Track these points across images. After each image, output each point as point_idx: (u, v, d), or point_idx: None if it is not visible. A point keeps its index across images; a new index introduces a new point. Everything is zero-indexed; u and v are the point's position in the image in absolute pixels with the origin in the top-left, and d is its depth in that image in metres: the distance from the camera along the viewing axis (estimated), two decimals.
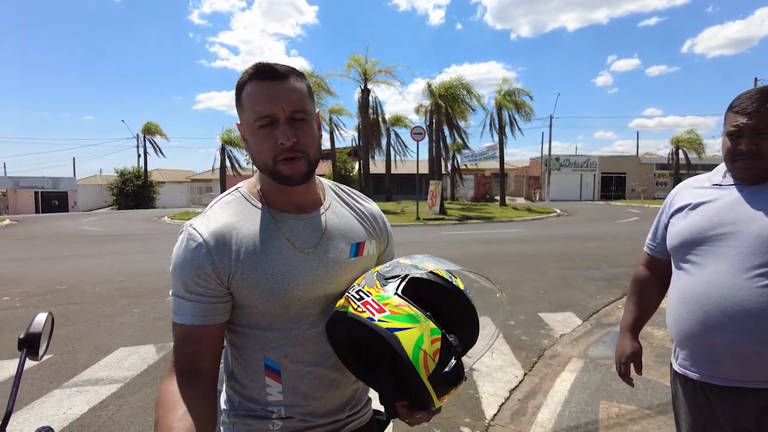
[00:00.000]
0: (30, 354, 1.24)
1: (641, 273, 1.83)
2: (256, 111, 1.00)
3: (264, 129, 1.01)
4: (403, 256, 1.09)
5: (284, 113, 0.99)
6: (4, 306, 6.25)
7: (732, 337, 1.37)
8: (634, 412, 3.24)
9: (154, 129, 40.68)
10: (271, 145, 1.00)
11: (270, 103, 0.99)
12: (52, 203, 41.00)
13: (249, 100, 1.01)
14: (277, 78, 1.00)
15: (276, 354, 1.05)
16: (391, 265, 1.03)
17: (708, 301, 1.42)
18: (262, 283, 1.01)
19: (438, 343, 0.88)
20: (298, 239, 1.07)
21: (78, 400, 3.53)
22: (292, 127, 1.00)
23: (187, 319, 0.99)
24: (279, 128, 1.00)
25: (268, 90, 1.00)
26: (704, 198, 1.53)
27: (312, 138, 1.04)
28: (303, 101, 1.02)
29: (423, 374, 0.86)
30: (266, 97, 0.99)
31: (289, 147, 1.00)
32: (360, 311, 0.93)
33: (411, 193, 36.80)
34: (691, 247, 1.50)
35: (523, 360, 4.26)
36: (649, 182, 43.90)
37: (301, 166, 1.02)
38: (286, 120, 1.00)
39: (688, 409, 1.54)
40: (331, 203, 1.17)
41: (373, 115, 28.20)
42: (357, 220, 1.19)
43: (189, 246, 1.00)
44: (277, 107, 0.99)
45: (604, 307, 6.01)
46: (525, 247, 11.34)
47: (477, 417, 3.26)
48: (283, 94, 1.00)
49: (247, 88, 1.02)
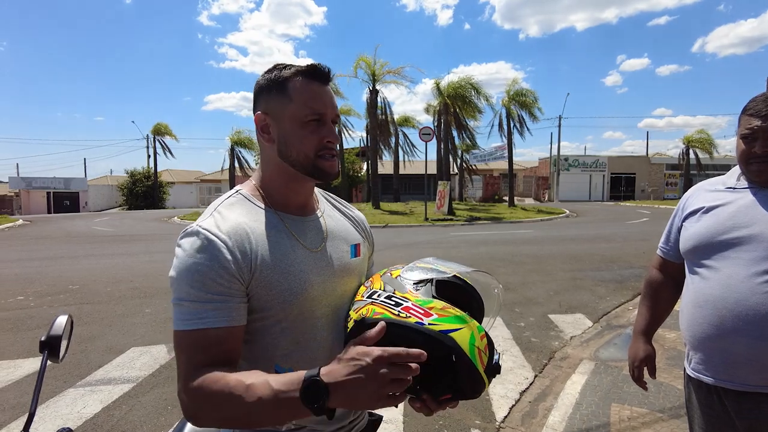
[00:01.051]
0: (51, 356, 1.26)
1: (654, 276, 1.82)
2: (310, 107, 1.06)
3: (312, 124, 1.06)
4: (416, 260, 1.09)
5: (331, 115, 1.09)
6: (18, 305, 6.33)
7: (747, 341, 1.36)
8: (646, 415, 3.22)
9: (163, 130, 40.95)
10: (317, 140, 1.07)
11: (324, 104, 1.07)
12: (63, 203, 41.42)
13: (303, 95, 1.06)
14: (327, 82, 1.10)
15: (287, 361, 1.04)
16: (410, 270, 1.04)
17: (723, 304, 1.41)
18: (281, 283, 1.01)
19: (485, 339, 0.95)
20: (306, 239, 1.09)
21: (91, 399, 3.57)
22: (333, 128, 1.10)
23: (210, 322, 0.93)
24: (326, 127, 1.08)
25: (323, 90, 1.08)
26: (718, 201, 1.52)
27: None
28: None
29: (480, 369, 0.92)
30: (322, 97, 1.07)
31: (333, 146, 1.10)
32: (404, 317, 0.94)
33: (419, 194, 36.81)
34: (704, 251, 1.50)
35: (533, 362, 4.25)
36: (659, 183, 43.53)
37: (336, 164, 1.11)
38: (330, 121, 1.09)
39: (703, 414, 1.54)
40: (325, 207, 1.22)
41: (382, 116, 28.19)
42: (350, 224, 1.25)
43: (205, 246, 0.95)
44: (330, 109, 1.08)
45: (615, 308, 5.98)
46: (534, 248, 11.30)
47: (487, 419, 3.26)
48: (332, 98, 1.10)
49: (298, 82, 1.06)
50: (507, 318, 5.52)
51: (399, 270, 1.06)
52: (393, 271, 1.07)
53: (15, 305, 6.34)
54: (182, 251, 0.97)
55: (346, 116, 32.22)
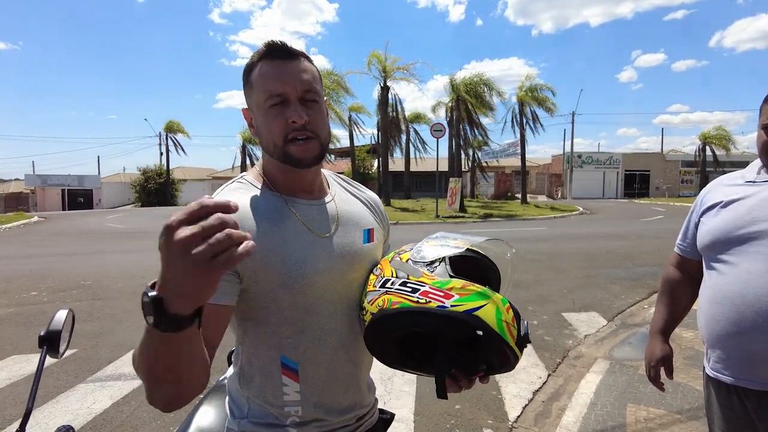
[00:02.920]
0: (50, 351, 1.22)
1: (672, 274, 1.76)
2: (267, 90, 0.97)
3: (275, 108, 0.98)
4: (424, 239, 1.05)
5: (296, 92, 0.98)
6: (31, 300, 6.38)
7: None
8: (663, 416, 3.13)
9: (176, 127, 41.24)
10: (282, 124, 0.98)
11: (282, 82, 0.97)
12: (77, 200, 41.94)
13: (260, 79, 0.98)
14: (289, 57, 0.99)
15: (294, 351, 1.01)
16: (418, 250, 1.00)
17: (742, 301, 1.35)
18: (279, 267, 0.96)
19: (511, 311, 0.91)
20: (314, 224, 1.04)
21: (101, 395, 3.57)
22: (304, 107, 0.98)
23: None
24: (290, 107, 0.97)
25: (281, 69, 0.98)
26: (737, 195, 1.46)
27: (323, 119, 1.02)
28: (314, 82, 1.01)
29: (511, 342, 0.90)
30: (278, 76, 0.97)
31: (300, 126, 0.97)
32: (424, 302, 0.90)
33: (430, 191, 36.70)
34: (722, 246, 1.44)
35: (546, 361, 4.18)
36: (674, 180, 42.95)
37: (313, 147, 1.00)
38: (298, 99, 0.98)
39: (723, 415, 1.48)
40: (336, 191, 1.15)
41: (393, 113, 28.11)
42: (364, 207, 1.18)
43: None
44: (290, 86, 0.97)
45: (630, 307, 5.87)
46: (548, 246, 11.18)
47: (500, 419, 3.20)
48: (295, 73, 0.98)
49: (258, 68, 0.99)
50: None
51: (407, 253, 1.01)
52: (402, 255, 1.02)
53: (28, 300, 6.39)
54: None
55: (357, 113, 32.17)
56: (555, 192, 44.59)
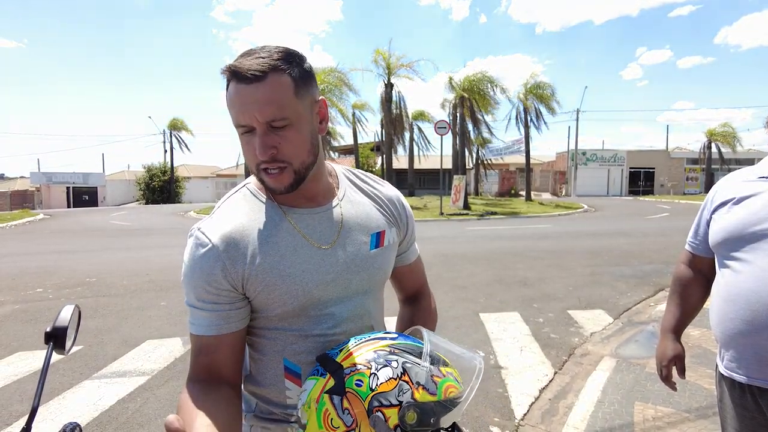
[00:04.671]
0: (56, 348, 1.21)
1: (683, 272, 1.73)
2: (234, 118, 0.90)
3: (245, 136, 0.92)
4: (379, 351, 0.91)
5: (259, 123, 0.88)
6: (37, 297, 6.40)
7: None
8: (671, 414, 3.11)
9: (180, 125, 41.30)
10: (251, 155, 0.92)
11: (243, 112, 0.88)
12: (82, 198, 42.12)
13: (228, 103, 0.90)
14: (253, 81, 0.86)
15: (296, 356, 0.99)
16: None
17: (756, 298, 1.32)
18: (279, 286, 0.94)
19: None
20: (314, 234, 0.99)
21: (107, 391, 3.57)
22: (270, 137, 0.89)
23: (202, 330, 0.93)
24: (257, 137, 0.89)
25: (243, 97, 0.87)
26: (749, 191, 1.43)
27: (297, 145, 0.92)
28: (282, 106, 0.88)
29: None
30: (240, 105, 0.88)
31: (269, 159, 0.90)
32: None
33: (434, 188, 36.66)
34: (735, 243, 1.41)
35: (552, 358, 4.15)
36: (679, 177, 42.73)
37: (285, 178, 0.92)
38: (264, 130, 0.89)
39: (736, 414, 1.45)
40: (345, 192, 1.09)
41: (396, 110, 28.06)
42: (375, 208, 1.11)
43: (197, 252, 0.92)
44: (251, 118, 0.88)
45: (636, 304, 5.84)
46: (552, 243, 11.14)
47: (506, 416, 3.18)
48: (254, 102, 0.86)
49: (228, 89, 0.90)
50: (525, 314, 5.43)
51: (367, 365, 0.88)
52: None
53: (34, 297, 6.41)
54: (185, 253, 0.96)
55: (360, 111, 32.13)
56: (559, 189, 44.45)
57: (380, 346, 0.89)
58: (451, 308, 5.71)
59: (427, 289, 1.32)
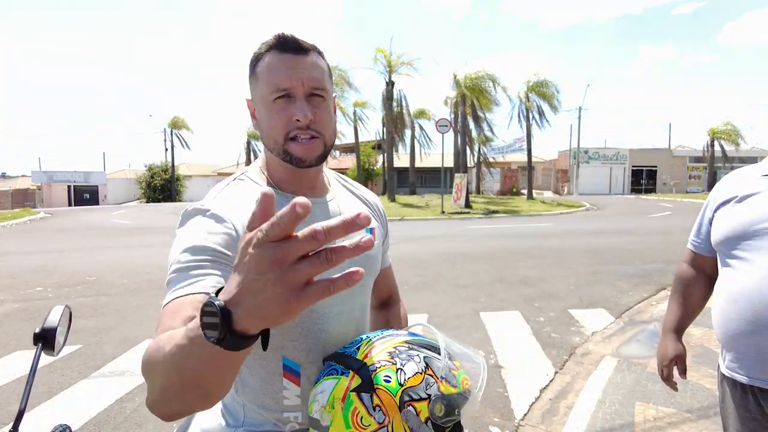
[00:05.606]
0: (45, 349, 1.19)
1: (685, 271, 1.71)
2: (272, 83, 0.92)
3: (279, 103, 0.93)
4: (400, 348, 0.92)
5: (303, 89, 0.93)
6: (37, 296, 6.38)
7: None
8: (672, 415, 3.08)
9: (180, 123, 41.31)
10: (285, 120, 0.93)
11: (289, 76, 0.92)
12: (83, 196, 42.17)
13: (266, 71, 0.93)
14: (300, 51, 0.93)
15: (296, 352, 0.97)
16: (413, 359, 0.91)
17: (759, 298, 1.30)
18: None
19: None
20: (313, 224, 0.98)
21: (105, 391, 3.56)
22: (310, 104, 0.93)
23: (203, 286, 0.80)
24: (296, 104, 0.92)
25: (289, 63, 0.92)
26: (752, 190, 1.41)
27: (329, 118, 0.98)
28: (323, 79, 0.96)
29: None
30: (286, 70, 0.92)
31: (304, 125, 0.93)
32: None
33: (436, 187, 36.60)
34: (738, 242, 1.39)
35: (553, 358, 4.13)
36: (682, 176, 42.61)
37: (317, 147, 0.95)
38: (304, 96, 0.93)
39: (738, 415, 1.43)
40: (337, 190, 1.12)
41: (398, 108, 28.02)
42: (365, 207, 1.16)
43: (207, 222, 0.88)
44: (297, 81, 0.92)
45: (637, 303, 5.81)
46: (554, 242, 11.11)
47: (506, 416, 3.16)
48: (303, 69, 0.93)
49: (265, 59, 0.94)
50: (526, 313, 5.40)
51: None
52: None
53: (33, 296, 6.40)
54: (184, 228, 0.91)
55: (361, 109, 32.09)
56: (561, 188, 44.38)
57: (398, 342, 0.91)
58: (452, 307, 5.69)
59: (398, 296, 1.36)
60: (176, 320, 0.74)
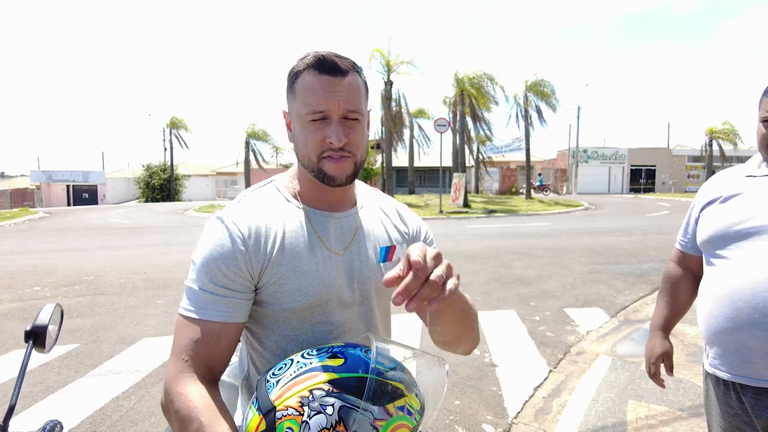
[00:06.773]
0: (36, 346, 1.21)
1: (672, 270, 1.75)
2: (309, 104, 0.95)
3: (314, 124, 0.96)
4: None
5: (339, 111, 0.95)
6: (35, 296, 6.40)
7: (764, 334, 1.29)
8: (664, 413, 3.11)
9: (179, 123, 41.27)
10: (319, 141, 0.96)
11: (326, 99, 0.94)
12: (82, 196, 42.12)
13: (303, 91, 0.96)
14: (338, 73, 0.94)
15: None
16: None
17: (739, 296, 1.34)
18: (291, 282, 0.97)
19: None
20: (330, 239, 1.03)
21: (101, 389, 3.57)
22: (344, 127, 0.96)
23: (209, 315, 0.93)
24: (331, 126, 0.95)
25: (326, 85, 0.94)
26: (736, 190, 1.44)
27: (362, 139, 1.00)
28: (359, 101, 0.98)
29: None
30: (323, 93, 0.94)
31: (337, 147, 0.95)
32: None
33: (434, 186, 36.64)
34: (721, 242, 1.43)
35: (548, 357, 4.15)
36: (681, 175, 42.65)
37: (348, 166, 0.98)
38: (339, 119, 0.95)
39: (721, 411, 1.47)
40: (364, 204, 1.13)
41: (396, 108, 28.01)
42: (391, 223, 1.15)
43: (222, 236, 0.95)
44: (333, 104, 0.94)
45: (633, 303, 5.84)
46: (551, 241, 11.13)
47: (500, 414, 3.18)
48: (340, 92, 0.94)
49: (304, 78, 0.96)
50: (522, 312, 5.42)
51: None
52: None
53: (31, 296, 6.41)
54: (204, 235, 0.98)
55: None
56: (560, 187, 44.41)
57: (318, 383, 0.78)
58: None
59: None
60: (197, 348, 0.93)
